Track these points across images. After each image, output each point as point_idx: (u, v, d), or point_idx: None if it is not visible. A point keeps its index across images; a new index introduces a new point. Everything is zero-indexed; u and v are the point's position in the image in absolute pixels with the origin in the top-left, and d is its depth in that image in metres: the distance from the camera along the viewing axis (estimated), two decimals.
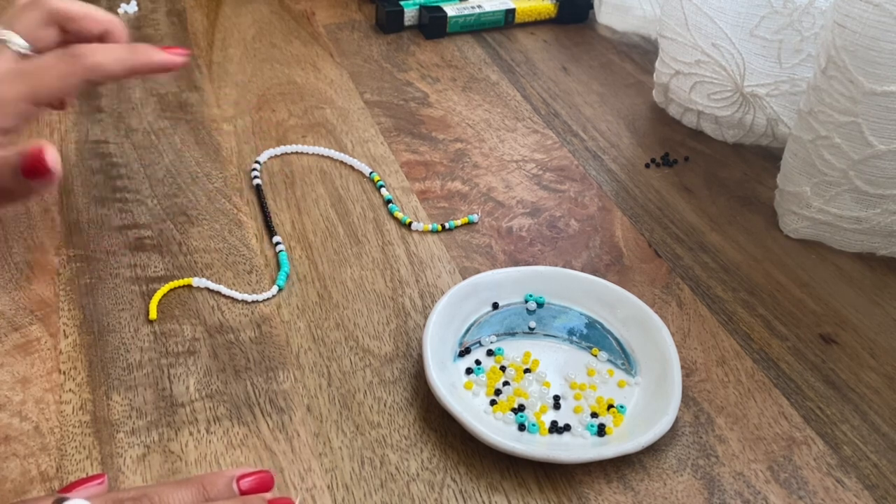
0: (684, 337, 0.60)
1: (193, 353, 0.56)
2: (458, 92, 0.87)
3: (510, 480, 0.49)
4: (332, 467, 0.49)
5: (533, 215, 0.71)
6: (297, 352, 0.56)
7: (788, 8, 0.71)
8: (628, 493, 0.49)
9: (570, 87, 0.90)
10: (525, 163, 0.77)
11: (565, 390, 0.55)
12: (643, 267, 0.66)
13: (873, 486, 0.51)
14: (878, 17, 0.58)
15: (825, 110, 0.64)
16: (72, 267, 0.61)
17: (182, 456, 0.49)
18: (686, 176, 0.77)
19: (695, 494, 0.49)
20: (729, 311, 0.62)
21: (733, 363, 0.58)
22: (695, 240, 0.69)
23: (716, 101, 0.80)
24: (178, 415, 0.52)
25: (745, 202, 0.74)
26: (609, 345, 0.58)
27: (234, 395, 0.53)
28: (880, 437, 0.54)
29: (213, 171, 0.72)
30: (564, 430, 0.52)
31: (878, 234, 0.67)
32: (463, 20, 0.98)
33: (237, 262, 0.63)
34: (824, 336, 0.61)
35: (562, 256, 0.66)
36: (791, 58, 0.74)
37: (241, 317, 0.58)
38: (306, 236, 0.66)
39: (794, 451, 0.52)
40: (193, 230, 0.65)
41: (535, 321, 0.59)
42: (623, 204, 0.73)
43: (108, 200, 0.68)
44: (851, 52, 0.60)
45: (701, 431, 0.53)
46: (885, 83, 0.60)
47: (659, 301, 0.63)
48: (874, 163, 0.63)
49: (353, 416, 0.52)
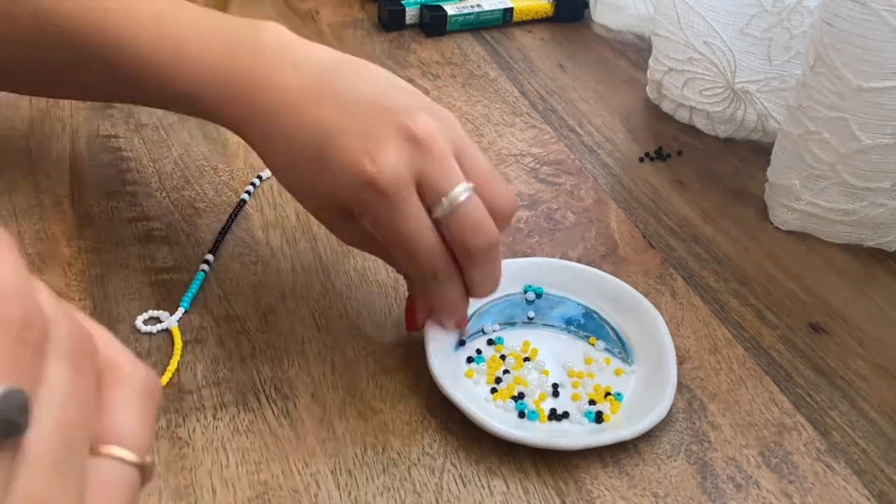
0: (677, 326, 0.60)
1: (201, 341, 0.57)
2: (457, 88, 0.88)
3: (508, 465, 0.50)
4: (335, 453, 0.50)
5: (531, 208, 0.72)
6: (302, 340, 0.57)
7: (778, 7, 0.72)
8: (623, 477, 0.50)
9: (566, 84, 0.90)
10: (523, 157, 0.78)
11: (563, 378, 0.56)
12: (637, 258, 0.67)
13: (861, 471, 0.52)
14: (865, 16, 0.59)
15: (813, 106, 0.65)
16: (83, 258, 0.62)
17: (189, 441, 0.50)
18: (679, 170, 0.78)
19: (688, 479, 0.50)
20: (721, 300, 0.63)
21: (725, 351, 0.59)
22: (688, 231, 0.70)
23: (708, 98, 0.80)
24: (185, 402, 0.52)
25: (736, 195, 0.75)
26: (606, 334, 0.59)
27: (241, 382, 0.54)
28: (868, 424, 0.55)
29: (220, 164, 0.73)
30: (563, 417, 0.53)
31: (866, 226, 0.68)
32: (462, 19, 0.99)
33: (243, 253, 0.64)
34: (813, 325, 0.62)
35: (559, 248, 0.67)
36: (780, 55, 0.74)
37: (247, 306, 0.59)
38: (311, 228, 0.67)
39: (785, 436, 0.53)
40: (201, 222, 0.66)
41: (534, 311, 0.60)
42: (618, 197, 0.74)
43: (118, 193, 0.69)
44: (839, 50, 0.61)
45: (694, 418, 0.54)
46: (872, 79, 0.61)
47: (653, 291, 0.63)
48: (861, 157, 0.64)
49: (356, 402, 0.53)
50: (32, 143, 0.73)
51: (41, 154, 0.72)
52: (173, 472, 0.48)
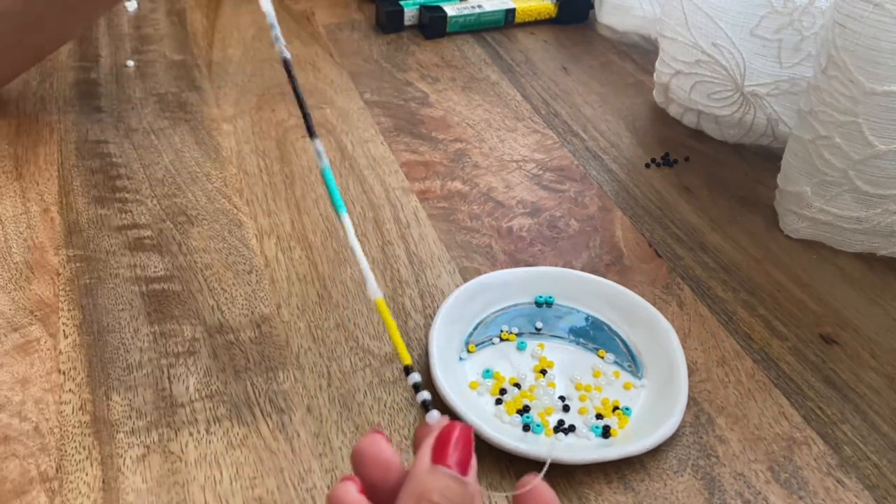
0: (685, 337, 0.60)
1: (193, 353, 0.55)
2: (458, 92, 0.87)
3: (510, 480, 0.49)
4: (331, 468, 0.49)
5: (533, 215, 0.71)
6: (297, 352, 0.56)
7: (788, 7, 0.71)
8: (629, 493, 0.49)
9: (570, 87, 0.90)
10: (525, 163, 0.77)
11: (571, 391, 0.55)
12: (643, 267, 0.66)
13: (873, 487, 0.51)
14: (879, 17, 0.58)
15: (825, 110, 0.64)
16: (71, 267, 0.61)
17: (182, 456, 0.49)
18: (686, 176, 0.77)
19: (695, 495, 0.49)
20: (729, 311, 0.62)
21: (734, 363, 0.58)
22: (695, 240, 0.69)
23: (716, 101, 0.80)
24: (177, 415, 0.51)
25: (745, 202, 0.74)
26: (615, 346, 0.58)
27: (234, 395, 0.53)
28: (880, 437, 0.54)
29: (213, 171, 0.72)
30: (569, 430, 0.52)
31: (879, 235, 0.67)
32: (463, 20, 0.98)
33: (237, 262, 0.63)
34: (825, 336, 0.61)
35: (562, 256, 0.66)
36: (791, 57, 0.73)
37: (240, 317, 0.58)
38: (306, 236, 0.66)
39: (795, 451, 0.52)
40: (193, 230, 0.65)
41: (542, 322, 0.59)
42: (623, 204, 0.73)
43: (107, 200, 0.68)
44: (851, 52, 0.60)
45: (701, 432, 0.53)
46: (886, 83, 0.60)
47: (659, 301, 0.62)
48: (874, 163, 0.63)
49: (353, 416, 0.52)
50: (19, 149, 0.72)
51: (28, 160, 0.71)
52: (165, 488, 0.47)
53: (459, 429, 0.36)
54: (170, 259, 0.62)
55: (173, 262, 0.62)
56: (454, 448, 0.35)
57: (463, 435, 0.36)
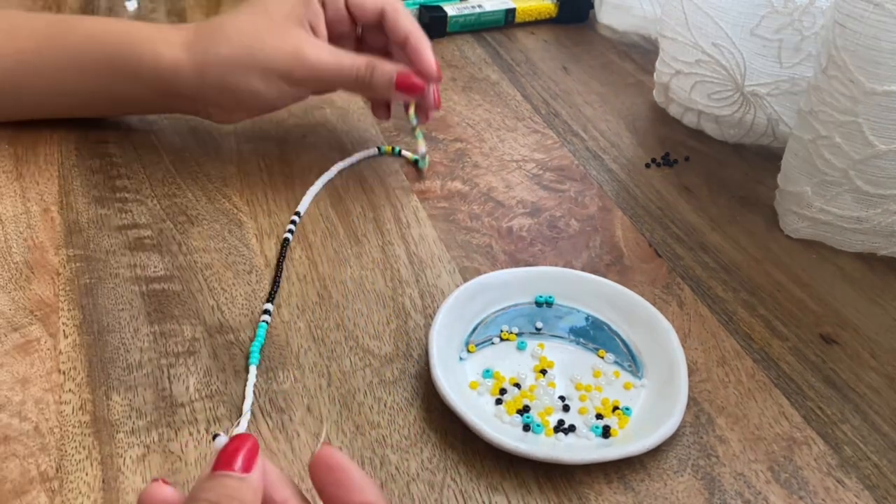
0: (685, 337, 0.59)
1: (193, 353, 0.55)
2: (458, 91, 0.87)
3: (510, 481, 0.49)
4: None
5: (533, 215, 0.70)
6: (297, 352, 0.56)
7: (789, 7, 0.71)
8: (629, 493, 0.49)
9: (570, 87, 0.90)
10: (525, 162, 0.77)
11: (571, 391, 0.55)
12: (643, 267, 0.66)
13: (874, 487, 0.50)
14: (879, 17, 0.58)
15: (826, 110, 0.64)
16: (71, 267, 0.61)
17: (182, 456, 0.49)
18: (686, 176, 0.77)
19: (695, 495, 0.49)
20: (729, 311, 0.62)
21: (734, 363, 0.58)
22: (695, 240, 0.69)
23: (716, 101, 0.79)
24: (177, 415, 0.51)
25: (745, 202, 0.74)
26: (616, 346, 0.58)
27: (234, 395, 0.53)
28: (881, 437, 0.54)
29: (213, 170, 0.72)
30: (569, 430, 0.52)
31: (879, 235, 0.67)
32: (463, 20, 0.98)
33: (237, 261, 0.63)
34: (825, 336, 0.61)
35: (562, 256, 0.66)
36: (791, 57, 0.73)
37: (240, 317, 0.58)
38: (306, 236, 0.66)
39: (795, 451, 0.52)
40: (193, 230, 0.65)
41: (542, 322, 0.59)
42: (623, 204, 0.73)
43: (107, 200, 0.67)
44: (852, 52, 0.60)
45: (701, 431, 0.53)
46: (886, 83, 0.60)
47: (659, 301, 0.62)
48: (875, 162, 0.63)
49: (353, 416, 0.52)
50: (19, 149, 0.72)
51: (28, 160, 0.71)
52: None
53: (238, 439, 0.37)
54: (170, 259, 0.62)
55: (173, 261, 0.62)
56: (233, 455, 0.36)
57: (241, 440, 0.37)
